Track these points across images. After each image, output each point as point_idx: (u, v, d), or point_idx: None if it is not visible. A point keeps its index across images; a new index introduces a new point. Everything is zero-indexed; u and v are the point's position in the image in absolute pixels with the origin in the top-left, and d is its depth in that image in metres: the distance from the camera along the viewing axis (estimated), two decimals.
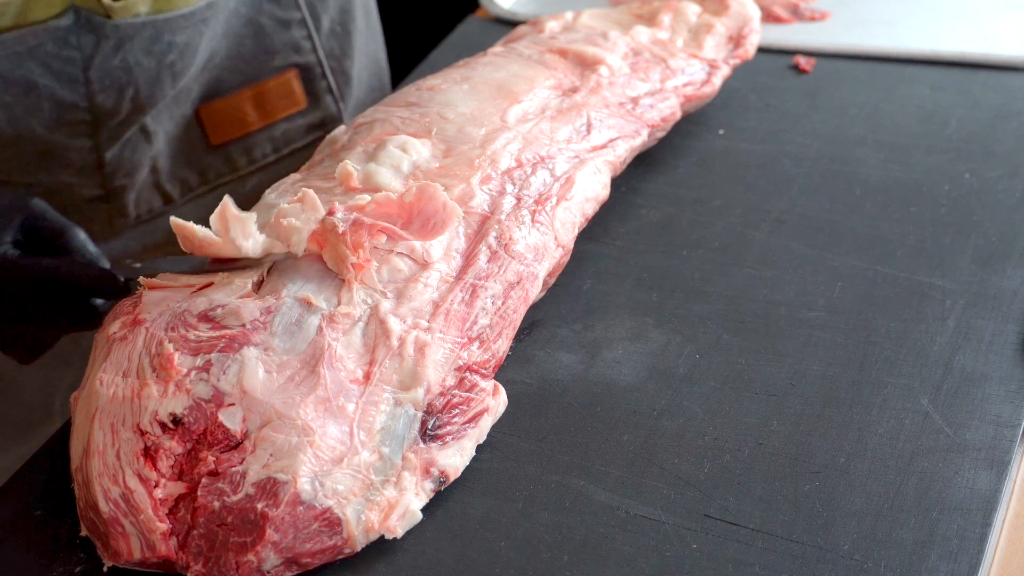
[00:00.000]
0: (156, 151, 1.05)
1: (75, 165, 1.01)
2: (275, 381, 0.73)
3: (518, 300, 0.82)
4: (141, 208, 1.07)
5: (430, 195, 0.80)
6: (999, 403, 0.79)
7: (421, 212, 0.80)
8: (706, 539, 0.71)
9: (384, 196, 0.81)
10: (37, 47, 0.94)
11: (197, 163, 1.10)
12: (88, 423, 0.74)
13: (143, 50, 0.98)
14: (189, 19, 1.00)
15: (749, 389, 0.82)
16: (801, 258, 0.94)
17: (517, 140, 0.91)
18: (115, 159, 1.02)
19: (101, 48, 0.96)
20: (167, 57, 1.00)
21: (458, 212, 0.81)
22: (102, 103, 0.99)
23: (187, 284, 0.80)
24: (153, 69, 0.99)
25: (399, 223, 0.80)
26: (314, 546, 0.70)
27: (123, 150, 1.03)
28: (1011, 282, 0.89)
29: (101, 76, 0.97)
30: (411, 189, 0.80)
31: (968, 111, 1.11)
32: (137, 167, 1.04)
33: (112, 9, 0.94)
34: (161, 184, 1.08)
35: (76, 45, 0.95)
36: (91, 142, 1.01)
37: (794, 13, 1.29)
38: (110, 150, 1.02)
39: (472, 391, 0.77)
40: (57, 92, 0.96)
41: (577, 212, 0.89)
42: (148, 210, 1.08)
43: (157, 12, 0.97)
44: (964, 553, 0.69)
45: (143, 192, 1.06)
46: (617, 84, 1.01)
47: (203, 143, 1.09)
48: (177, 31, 0.99)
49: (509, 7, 1.35)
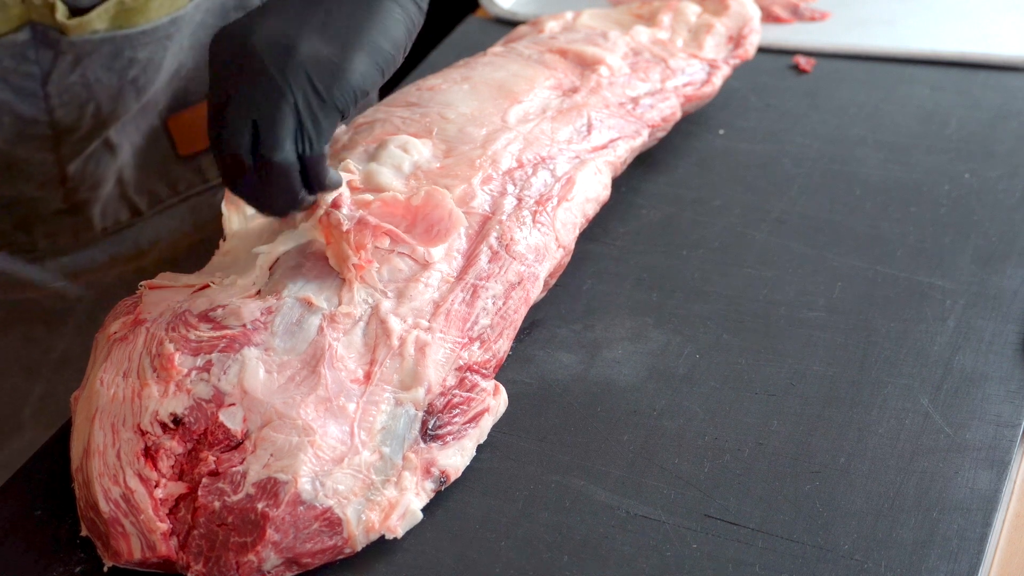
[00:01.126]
0: (121, 163, 1.04)
1: (37, 179, 0.99)
2: (276, 381, 0.73)
3: (519, 300, 0.82)
4: (107, 220, 1.05)
5: (437, 201, 0.81)
6: (999, 403, 0.79)
7: (426, 217, 0.81)
8: (706, 539, 0.71)
9: (391, 197, 0.81)
10: None
11: (166, 174, 1.08)
12: (88, 423, 0.74)
13: (103, 66, 0.96)
14: (151, 35, 0.97)
15: (749, 389, 0.82)
16: (801, 258, 0.94)
17: (518, 140, 0.91)
18: (78, 172, 1.01)
19: (59, 64, 0.94)
20: (129, 73, 0.98)
21: (463, 221, 0.81)
22: (62, 118, 0.97)
23: (187, 284, 0.80)
24: (114, 85, 0.98)
25: (403, 225, 0.81)
26: (314, 546, 0.70)
27: (86, 163, 1.01)
28: (1011, 282, 0.89)
29: (60, 91, 0.96)
30: (419, 192, 0.81)
31: (968, 111, 1.11)
32: (101, 180, 1.03)
33: (67, 26, 0.92)
34: (128, 196, 1.06)
35: (34, 60, 0.93)
36: (53, 156, 0.99)
37: (794, 13, 1.29)
38: (72, 163, 1.00)
39: (473, 391, 0.77)
40: (16, 106, 0.95)
41: (578, 213, 0.89)
42: (115, 222, 1.06)
43: (116, 29, 0.95)
44: (964, 553, 0.69)
45: (109, 204, 1.05)
46: (617, 84, 1.01)
47: (172, 154, 1.07)
48: (139, 47, 0.97)
49: (509, 7, 1.35)
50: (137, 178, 1.06)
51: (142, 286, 0.80)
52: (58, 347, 1.06)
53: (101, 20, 0.94)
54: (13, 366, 1.05)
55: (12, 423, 1.05)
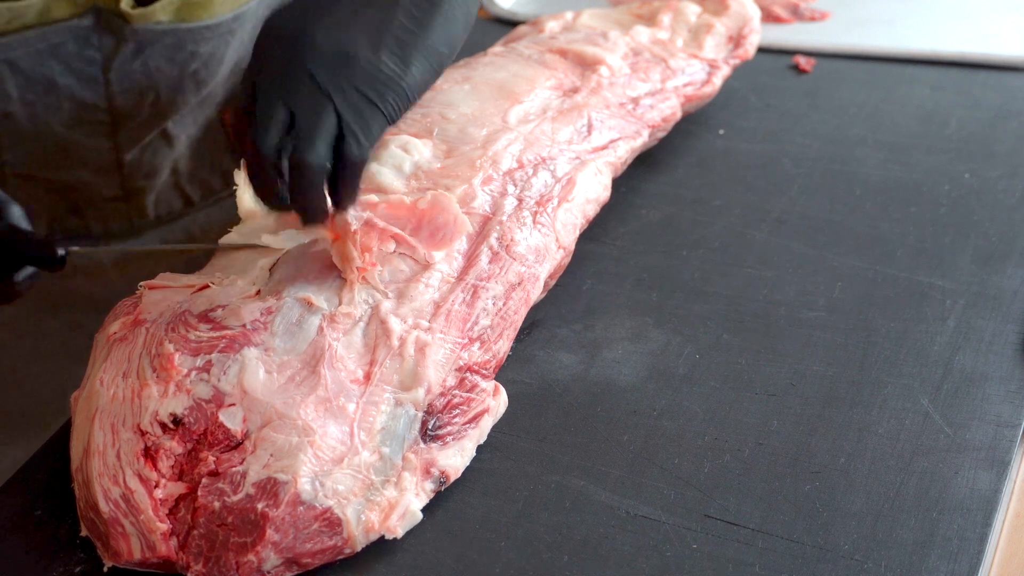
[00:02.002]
0: (177, 154, 1.05)
1: (94, 164, 1.01)
2: (275, 381, 0.73)
3: (519, 301, 0.82)
4: (161, 209, 1.07)
5: (444, 206, 0.81)
6: (999, 403, 0.79)
7: (432, 221, 0.81)
8: (706, 539, 0.71)
9: (398, 199, 0.81)
10: (59, 46, 0.94)
11: (220, 166, 1.09)
12: (88, 423, 0.74)
13: (164, 57, 0.97)
14: (214, 31, 0.98)
15: (749, 389, 0.82)
16: (801, 258, 0.94)
17: (518, 141, 0.91)
18: (134, 161, 1.02)
19: (121, 51, 0.95)
20: (190, 66, 0.99)
21: (468, 226, 0.81)
22: (122, 105, 0.98)
23: (187, 284, 0.80)
24: (175, 77, 0.99)
25: (408, 228, 0.81)
26: (314, 546, 0.70)
27: (143, 153, 1.02)
28: (1011, 282, 0.89)
29: (121, 78, 0.97)
30: (425, 196, 0.81)
31: (968, 111, 1.11)
32: (157, 170, 1.04)
33: (130, 15, 0.94)
34: (182, 186, 1.07)
35: (97, 46, 0.95)
36: (110, 143, 1.00)
37: (794, 13, 1.29)
38: (129, 152, 1.01)
39: (472, 391, 0.77)
40: (77, 92, 0.96)
41: (578, 213, 0.89)
42: (168, 211, 1.07)
43: (180, 22, 0.96)
44: (964, 553, 0.69)
45: (163, 194, 1.06)
46: (617, 84, 1.01)
47: (227, 146, 1.09)
48: (201, 42, 0.98)
49: (509, 7, 1.35)
50: (192, 169, 1.07)
51: (142, 286, 0.81)
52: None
53: (165, 12, 0.95)
54: (59, 350, 1.05)
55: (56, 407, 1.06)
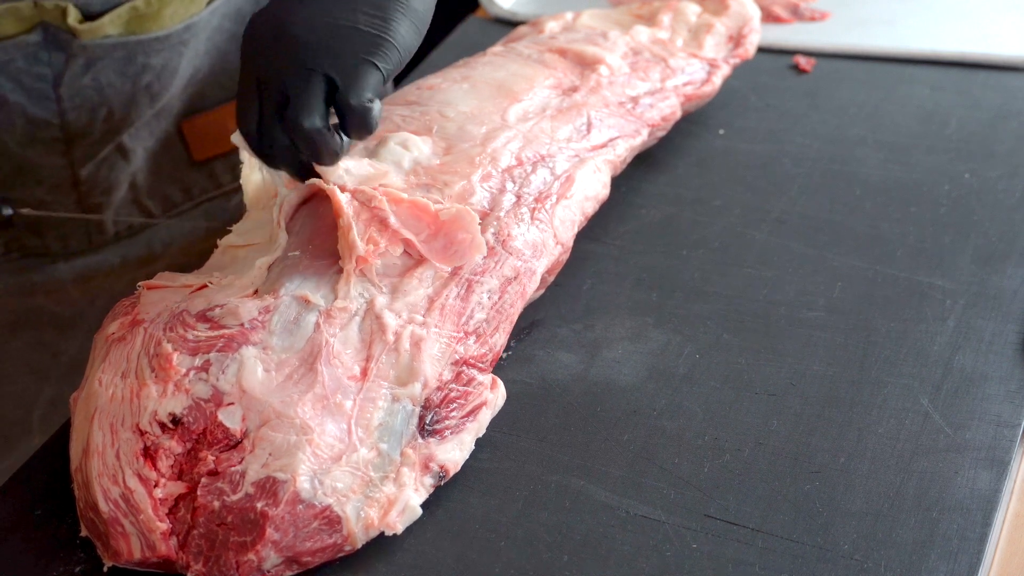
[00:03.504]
0: (135, 168, 1.04)
1: (49, 182, 0.99)
2: (274, 380, 0.73)
3: (515, 295, 0.82)
4: (120, 225, 1.05)
5: (465, 224, 0.80)
6: (999, 403, 0.79)
7: (449, 234, 0.80)
8: (706, 539, 0.71)
9: (423, 203, 0.80)
10: (8, 62, 0.93)
11: (180, 179, 1.08)
12: (87, 423, 0.74)
13: (116, 71, 0.96)
14: (165, 42, 0.97)
15: (749, 389, 0.82)
16: (801, 258, 0.93)
17: (517, 139, 0.91)
18: (90, 177, 1.01)
19: (71, 66, 0.94)
20: (143, 78, 0.98)
21: (483, 250, 0.81)
22: (74, 121, 0.97)
23: (185, 284, 0.80)
24: (128, 90, 0.97)
25: (424, 235, 0.80)
26: (314, 544, 0.70)
27: (99, 168, 1.01)
28: (1011, 282, 0.89)
29: (72, 95, 0.95)
30: (450, 208, 0.80)
31: (968, 111, 1.11)
32: (114, 185, 1.03)
33: (78, 30, 0.92)
34: (141, 201, 1.06)
35: (46, 62, 0.94)
36: (65, 160, 0.99)
37: (794, 13, 1.29)
38: (84, 168, 1.00)
39: (469, 385, 0.77)
40: (29, 109, 0.95)
41: (577, 211, 0.89)
42: (128, 227, 1.06)
43: (129, 34, 0.95)
44: (964, 553, 0.69)
45: (122, 209, 1.04)
46: (617, 83, 1.01)
47: (186, 159, 1.07)
48: (152, 54, 0.97)
49: (509, 7, 1.35)
50: (150, 183, 1.06)
51: (140, 286, 0.80)
52: (68, 351, 1.06)
53: (114, 25, 0.94)
54: (22, 370, 1.05)
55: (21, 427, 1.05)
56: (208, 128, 1.07)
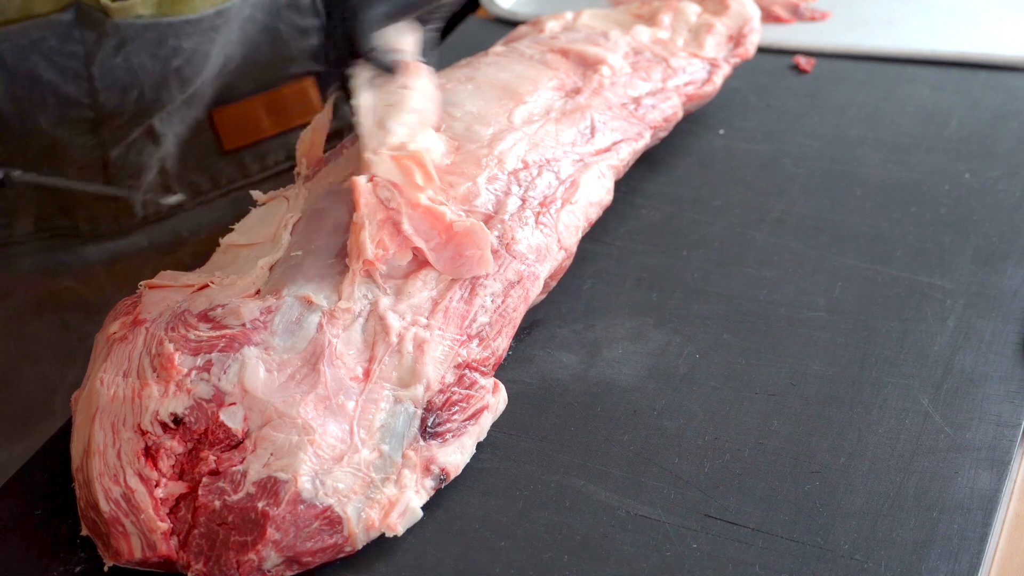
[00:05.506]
0: (164, 153, 1.05)
1: (79, 162, 1.01)
2: (276, 380, 0.73)
3: (518, 299, 0.82)
4: (148, 209, 1.07)
5: (477, 239, 0.80)
6: (999, 403, 0.79)
7: (459, 247, 0.80)
8: (706, 539, 0.71)
9: (440, 211, 0.80)
10: (41, 40, 0.94)
11: (208, 167, 1.09)
12: (89, 423, 0.74)
13: (147, 52, 0.97)
14: (196, 26, 0.99)
15: (749, 389, 0.82)
16: (801, 258, 0.94)
17: (524, 141, 0.91)
18: (120, 159, 1.02)
19: (103, 46, 0.95)
20: (173, 62, 0.99)
21: (490, 267, 0.81)
22: (105, 101, 0.98)
23: (187, 284, 0.80)
24: (158, 72, 0.99)
25: (434, 242, 0.80)
26: (315, 545, 0.70)
27: (128, 151, 1.02)
28: (1011, 282, 0.89)
29: (103, 74, 0.97)
30: (464, 221, 0.80)
31: (968, 111, 1.11)
32: (143, 169, 1.04)
33: (111, 9, 0.94)
34: (170, 186, 1.07)
35: (79, 40, 0.95)
36: (94, 140, 1.00)
37: (794, 13, 1.29)
38: (114, 150, 1.01)
39: (472, 388, 0.77)
40: (61, 87, 0.96)
41: (581, 216, 0.89)
42: (156, 212, 1.07)
43: (160, 16, 0.97)
44: (964, 553, 0.69)
45: (150, 193, 1.06)
46: (619, 84, 1.01)
47: (215, 148, 1.08)
48: (183, 37, 0.98)
49: (509, 7, 1.35)
50: (179, 169, 1.07)
51: (142, 286, 0.81)
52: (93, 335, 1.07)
53: (146, 6, 0.95)
54: (47, 352, 1.05)
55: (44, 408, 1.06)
56: (239, 118, 1.09)
